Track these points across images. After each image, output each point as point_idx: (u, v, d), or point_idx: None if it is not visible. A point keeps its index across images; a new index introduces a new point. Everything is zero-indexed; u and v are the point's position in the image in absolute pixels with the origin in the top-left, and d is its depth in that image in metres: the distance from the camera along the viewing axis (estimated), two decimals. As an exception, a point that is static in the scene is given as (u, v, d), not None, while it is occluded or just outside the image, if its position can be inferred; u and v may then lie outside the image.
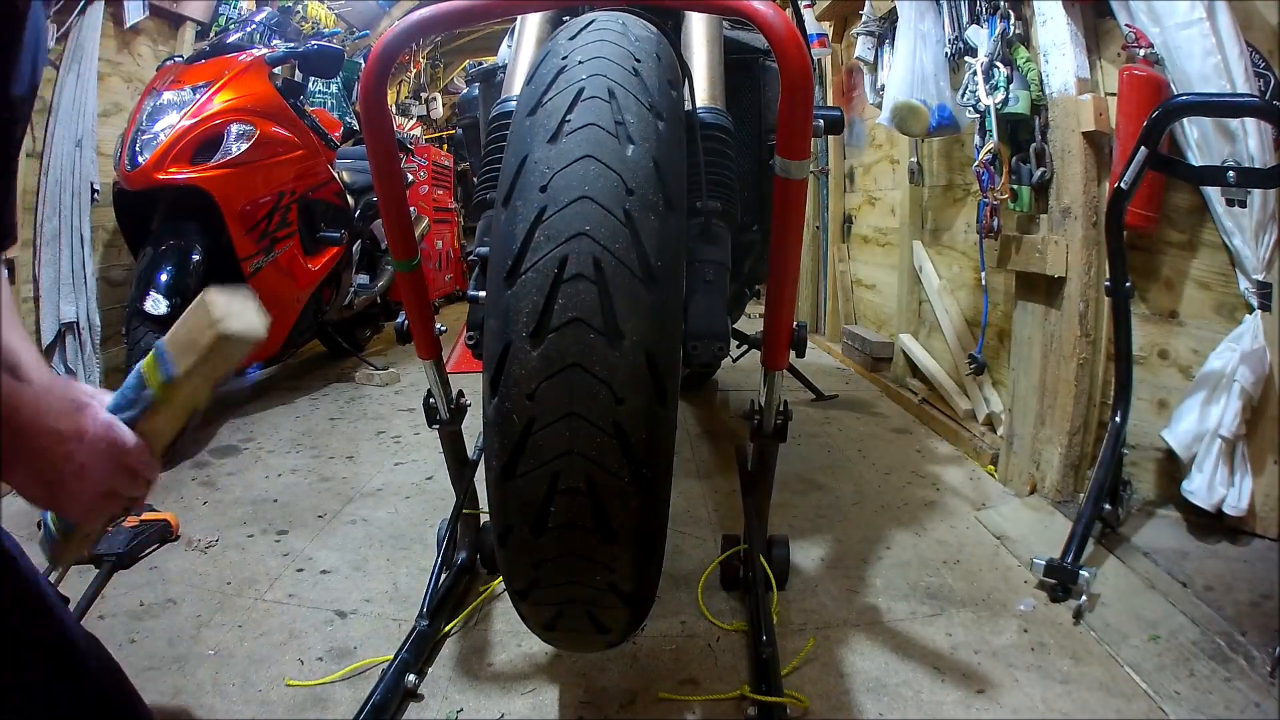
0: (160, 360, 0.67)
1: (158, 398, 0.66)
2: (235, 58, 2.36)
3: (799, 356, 1.11)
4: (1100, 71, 1.69)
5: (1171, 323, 1.63)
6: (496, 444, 0.75)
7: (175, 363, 0.66)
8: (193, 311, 0.66)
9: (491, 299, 0.78)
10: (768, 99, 1.38)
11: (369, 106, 0.95)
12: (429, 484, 1.92)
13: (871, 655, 1.21)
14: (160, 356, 0.67)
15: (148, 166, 2.07)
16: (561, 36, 0.89)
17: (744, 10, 0.79)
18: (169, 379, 0.66)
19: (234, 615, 1.31)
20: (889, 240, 3.09)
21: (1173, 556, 1.46)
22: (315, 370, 3.21)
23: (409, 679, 1.09)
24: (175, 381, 0.66)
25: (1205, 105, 1.31)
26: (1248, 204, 1.41)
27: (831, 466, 2.07)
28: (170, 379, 0.66)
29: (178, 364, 0.66)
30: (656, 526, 0.80)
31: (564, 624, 0.84)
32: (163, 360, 0.66)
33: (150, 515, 1.57)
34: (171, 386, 0.66)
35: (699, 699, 1.11)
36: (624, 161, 0.76)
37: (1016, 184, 1.81)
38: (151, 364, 0.67)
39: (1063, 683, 1.14)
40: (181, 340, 0.66)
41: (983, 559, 1.54)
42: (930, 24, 2.05)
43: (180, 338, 0.67)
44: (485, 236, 1.21)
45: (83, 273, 2.14)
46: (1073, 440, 1.73)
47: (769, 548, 1.36)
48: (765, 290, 1.04)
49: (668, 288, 0.76)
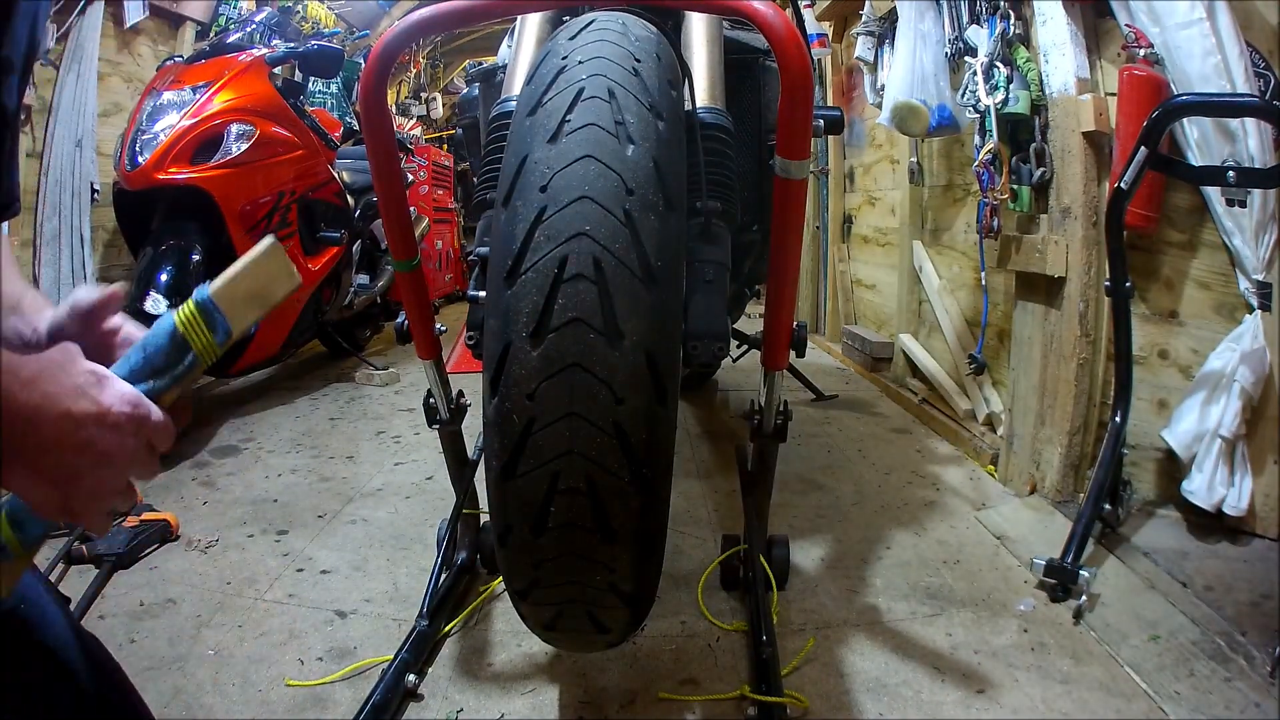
0: (212, 318, 0.54)
1: (205, 363, 0.55)
2: (235, 58, 2.36)
3: (799, 356, 1.11)
4: (1100, 71, 1.69)
5: (1171, 323, 1.63)
6: (496, 444, 0.75)
7: (235, 319, 0.55)
8: (260, 260, 0.57)
9: (491, 299, 0.78)
10: (768, 99, 1.38)
11: (369, 106, 0.95)
12: (429, 484, 1.92)
13: (871, 655, 1.21)
14: (211, 313, 0.55)
15: (148, 166, 2.07)
16: (561, 36, 0.89)
17: (744, 10, 0.79)
18: (224, 339, 0.55)
19: (234, 615, 1.31)
20: (889, 240, 3.09)
21: (1173, 556, 1.46)
22: (315, 370, 3.21)
23: (409, 679, 1.09)
24: (229, 341, 0.56)
25: (1205, 105, 1.31)
26: (1248, 204, 1.41)
27: (831, 466, 2.07)
28: (225, 339, 0.55)
29: (239, 320, 0.56)
30: (656, 526, 0.80)
31: (564, 624, 0.84)
32: (216, 318, 0.55)
33: (150, 515, 1.57)
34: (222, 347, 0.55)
35: (699, 699, 1.11)
36: (624, 161, 0.76)
37: (1016, 184, 1.81)
38: (196, 321, 0.54)
39: (1063, 683, 1.14)
40: (244, 293, 0.56)
41: (983, 559, 1.54)
42: (930, 24, 2.05)
43: (241, 290, 0.56)
44: (485, 236, 1.21)
45: (83, 273, 2.14)
46: (1073, 440, 1.73)
47: (769, 548, 1.36)
48: (765, 290, 1.04)
49: (668, 288, 0.76)
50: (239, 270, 0.56)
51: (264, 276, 0.57)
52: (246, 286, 0.56)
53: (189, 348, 0.53)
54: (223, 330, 0.55)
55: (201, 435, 2.26)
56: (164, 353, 0.53)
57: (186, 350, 0.53)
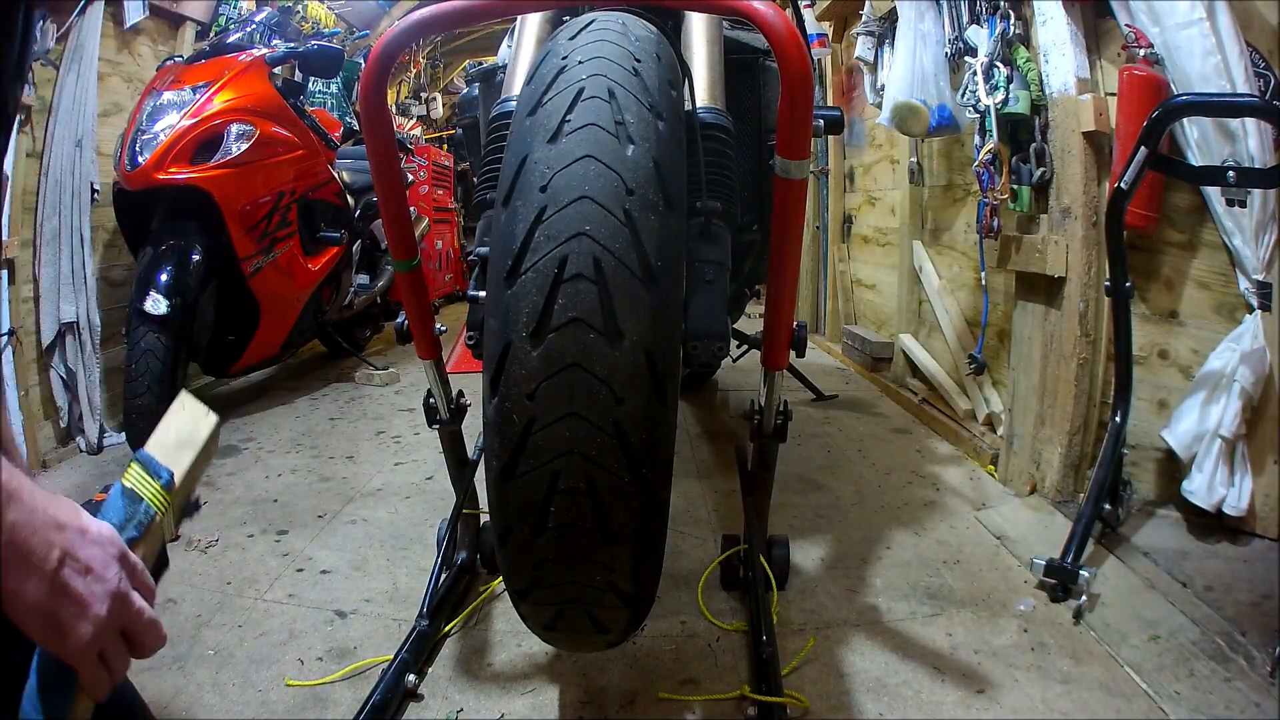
0: (150, 468, 0.61)
1: (160, 509, 0.61)
2: (235, 58, 2.36)
3: (799, 356, 1.11)
4: (1100, 71, 1.69)
5: (1171, 323, 1.63)
6: (496, 444, 0.75)
7: (170, 464, 0.62)
8: (177, 412, 0.66)
9: (491, 299, 0.78)
10: (768, 99, 1.38)
11: (369, 106, 0.95)
12: (429, 484, 1.92)
13: (871, 655, 1.21)
14: (149, 464, 0.61)
15: (148, 166, 2.07)
16: (561, 36, 0.89)
17: (744, 10, 0.79)
18: (168, 484, 0.62)
19: (234, 615, 1.31)
20: (889, 240, 3.09)
21: (1173, 556, 1.46)
22: (315, 370, 3.21)
23: (409, 679, 1.09)
24: (174, 486, 0.62)
25: (1205, 105, 1.31)
26: (1248, 204, 1.41)
27: (831, 466, 2.07)
28: (169, 483, 0.62)
29: (175, 464, 0.63)
30: (656, 526, 0.80)
31: (564, 624, 0.84)
32: (153, 467, 0.61)
33: None
34: (172, 492, 0.62)
35: (699, 699, 1.11)
36: (624, 161, 0.76)
37: (1016, 184, 1.81)
38: (141, 475, 0.61)
39: (1063, 683, 1.14)
40: (174, 441, 0.64)
41: (983, 559, 1.54)
42: (930, 24, 2.05)
43: (169, 439, 0.64)
44: (485, 236, 1.21)
45: (83, 273, 2.14)
46: (1073, 440, 1.73)
47: (769, 548, 1.36)
48: (765, 290, 1.04)
49: (668, 288, 0.76)
50: (163, 424, 0.66)
51: (187, 422, 0.66)
52: (174, 435, 0.65)
53: (140, 498, 0.60)
54: (165, 474, 0.62)
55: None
56: (122, 508, 0.59)
57: (138, 500, 0.60)
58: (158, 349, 1.98)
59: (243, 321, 2.43)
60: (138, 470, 0.61)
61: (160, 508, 0.60)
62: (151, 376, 1.96)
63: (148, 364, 1.96)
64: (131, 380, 1.97)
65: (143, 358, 1.97)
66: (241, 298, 2.36)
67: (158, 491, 0.61)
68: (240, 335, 2.45)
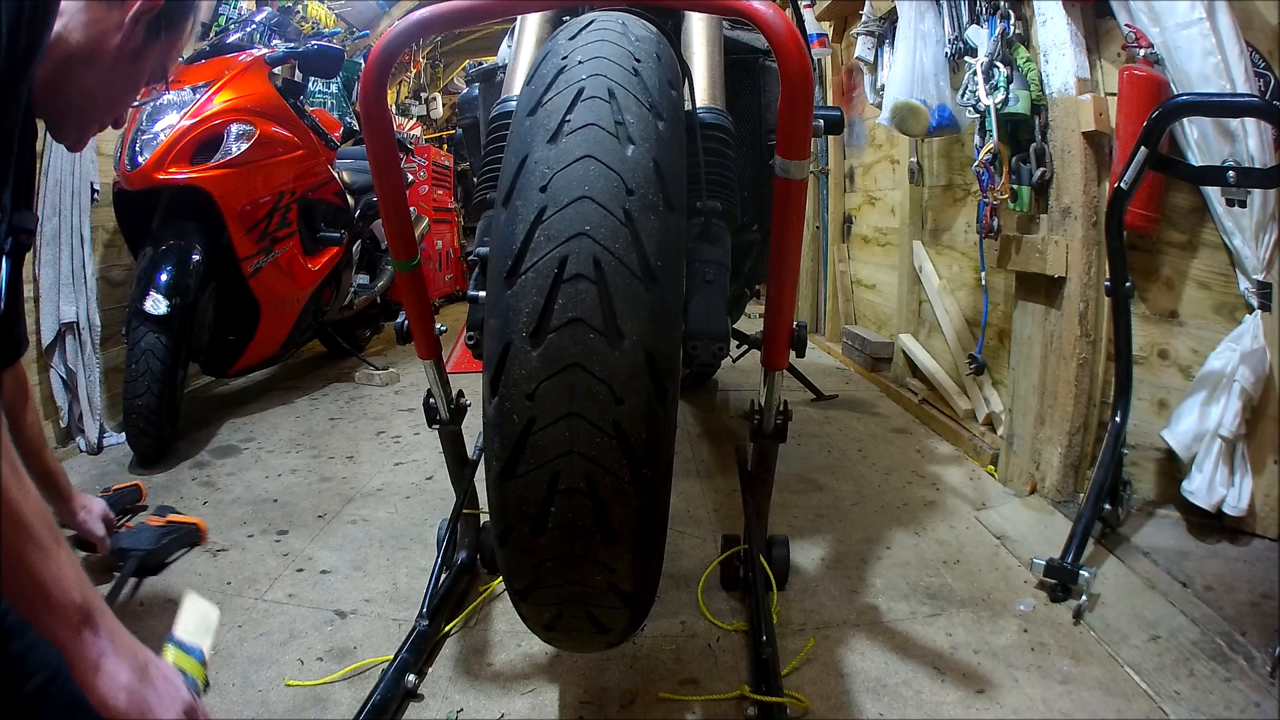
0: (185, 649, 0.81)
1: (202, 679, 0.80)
2: (235, 58, 2.35)
3: (799, 356, 1.11)
4: (1100, 71, 1.69)
5: (1171, 323, 1.63)
6: (496, 444, 0.75)
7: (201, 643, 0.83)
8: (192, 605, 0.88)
9: (491, 299, 0.78)
10: (768, 99, 1.38)
11: (369, 106, 0.95)
12: (429, 484, 1.92)
13: (871, 655, 1.21)
14: (184, 646, 0.81)
15: (148, 166, 2.07)
16: (561, 36, 0.89)
17: (744, 10, 0.79)
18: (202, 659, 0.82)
19: (234, 615, 1.31)
20: (889, 240, 3.09)
21: (1173, 556, 1.46)
22: (315, 370, 3.21)
23: (409, 679, 1.09)
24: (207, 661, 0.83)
25: (1205, 105, 1.31)
26: (1248, 204, 1.41)
27: (831, 466, 2.07)
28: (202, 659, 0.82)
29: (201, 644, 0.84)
30: (656, 526, 0.80)
31: (564, 624, 0.84)
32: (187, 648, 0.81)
33: (177, 517, 1.54)
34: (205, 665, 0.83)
35: (699, 699, 1.11)
36: (624, 161, 0.76)
37: (1016, 184, 1.81)
38: (179, 655, 0.80)
39: (1063, 683, 1.14)
40: (195, 626, 0.86)
41: (983, 559, 1.54)
42: (930, 24, 2.05)
43: (193, 624, 0.86)
44: (485, 236, 1.21)
45: (83, 273, 2.13)
46: (1073, 440, 1.74)
47: (769, 548, 1.36)
48: (765, 290, 1.04)
49: (668, 288, 0.76)
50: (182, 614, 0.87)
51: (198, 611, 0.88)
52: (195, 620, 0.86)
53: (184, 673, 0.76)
54: (198, 652, 0.82)
55: (201, 435, 2.26)
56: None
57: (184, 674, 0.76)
58: (158, 349, 1.98)
59: (243, 322, 2.42)
60: (175, 652, 0.80)
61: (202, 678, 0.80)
62: (151, 376, 1.95)
63: (148, 364, 1.96)
64: (131, 380, 1.96)
65: (143, 358, 1.97)
66: (241, 298, 2.36)
67: (195, 665, 0.80)
68: (240, 335, 2.45)
